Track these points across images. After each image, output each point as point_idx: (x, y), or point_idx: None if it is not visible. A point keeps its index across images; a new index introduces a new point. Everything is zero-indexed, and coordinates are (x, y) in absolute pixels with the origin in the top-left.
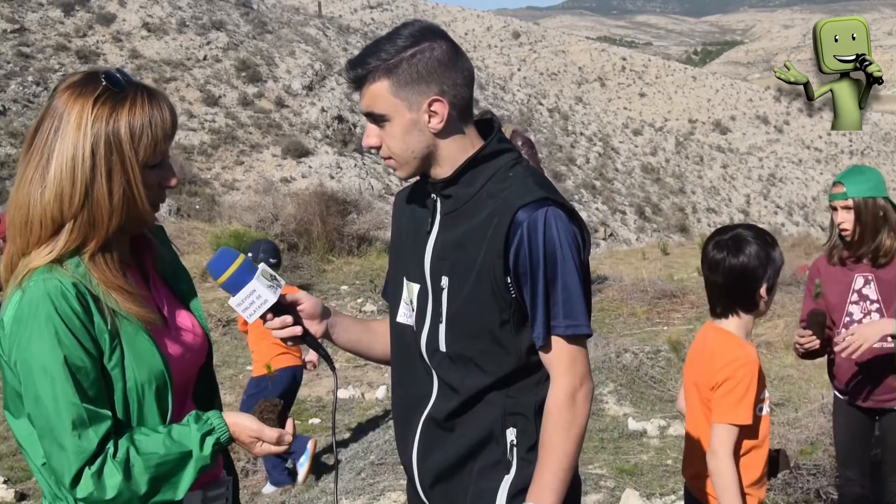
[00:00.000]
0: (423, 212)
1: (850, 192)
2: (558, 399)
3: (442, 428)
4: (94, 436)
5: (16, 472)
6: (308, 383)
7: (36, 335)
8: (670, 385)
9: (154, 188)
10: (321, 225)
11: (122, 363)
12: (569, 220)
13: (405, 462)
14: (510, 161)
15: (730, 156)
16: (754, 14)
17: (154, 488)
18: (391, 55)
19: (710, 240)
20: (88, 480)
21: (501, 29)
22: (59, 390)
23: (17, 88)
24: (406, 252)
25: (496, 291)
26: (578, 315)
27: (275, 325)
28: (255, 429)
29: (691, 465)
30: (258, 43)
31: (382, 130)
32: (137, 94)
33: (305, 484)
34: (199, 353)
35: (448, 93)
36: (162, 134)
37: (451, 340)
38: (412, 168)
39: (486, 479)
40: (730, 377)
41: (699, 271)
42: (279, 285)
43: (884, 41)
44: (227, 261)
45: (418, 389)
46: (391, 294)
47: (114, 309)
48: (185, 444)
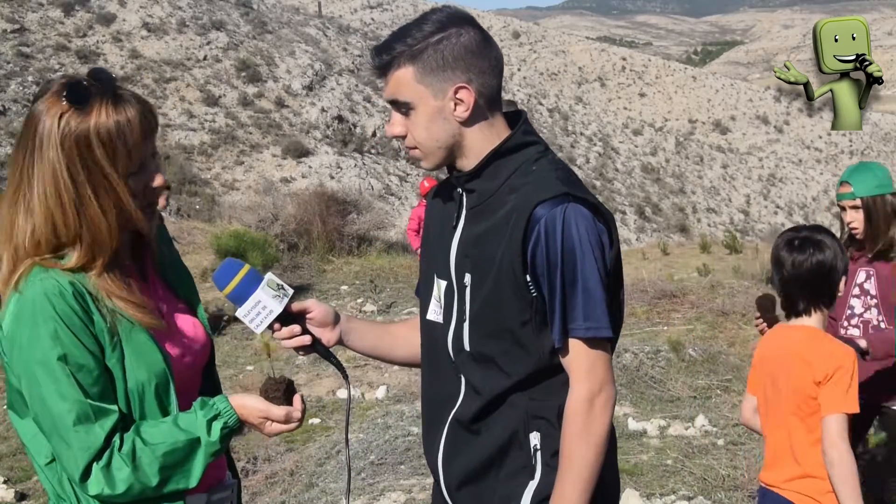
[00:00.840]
0: (451, 206)
1: (858, 191)
2: (576, 405)
3: (467, 430)
4: (101, 431)
5: (16, 472)
6: (308, 383)
7: (35, 335)
8: (670, 385)
9: (140, 193)
10: (321, 225)
11: (123, 361)
12: (592, 216)
13: (431, 463)
14: (535, 154)
15: (730, 156)
16: (754, 14)
17: (165, 478)
18: (417, 41)
19: (784, 242)
20: (98, 475)
21: (501, 29)
22: (62, 389)
23: (17, 88)
24: (435, 248)
25: (516, 290)
26: (599, 317)
27: (283, 335)
28: (262, 408)
29: (782, 470)
30: (258, 43)
31: (407, 119)
32: (102, 105)
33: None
34: (200, 353)
35: (475, 81)
36: (134, 139)
37: (474, 340)
38: (437, 159)
39: (512, 485)
40: (839, 367)
41: (699, 271)
42: (286, 294)
43: (884, 41)
44: (232, 271)
45: (446, 390)
46: (423, 291)
47: (112, 308)
48: (192, 431)
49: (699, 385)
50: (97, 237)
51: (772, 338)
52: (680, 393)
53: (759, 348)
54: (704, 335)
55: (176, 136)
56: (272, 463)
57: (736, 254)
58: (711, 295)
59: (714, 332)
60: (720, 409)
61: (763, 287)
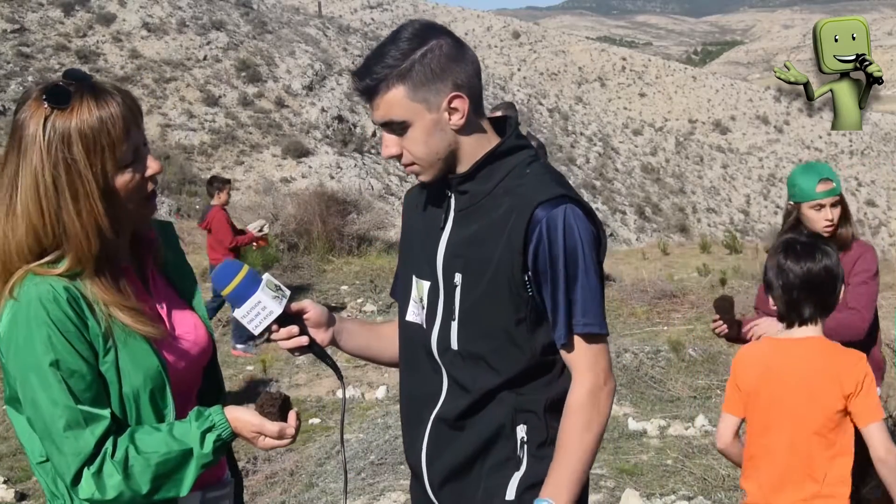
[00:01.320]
0: (436, 209)
1: (838, 187)
2: (581, 397)
3: (452, 427)
4: (91, 437)
5: (16, 472)
6: (308, 383)
7: (29, 340)
8: (670, 385)
9: (135, 185)
10: (321, 225)
11: (117, 366)
12: (587, 218)
13: (413, 462)
14: (527, 158)
15: (730, 156)
16: (754, 14)
17: (156, 486)
18: (400, 60)
19: (785, 248)
20: (89, 480)
21: (501, 29)
22: (54, 394)
23: (17, 88)
24: (417, 249)
25: (513, 289)
26: (595, 314)
27: (281, 336)
28: (256, 423)
29: (796, 491)
30: (258, 43)
31: (402, 138)
32: (83, 101)
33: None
34: (201, 354)
35: (464, 86)
36: (118, 132)
37: (464, 338)
38: (437, 170)
39: (497, 476)
40: (865, 373)
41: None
42: (284, 295)
43: (884, 41)
44: (232, 272)
45: (427, 389)
46: (401, 292)
47: (108, 313)
48: (185, 441)
49: (699, 385)
50: (75, 244)
51: (772, 354)
52: (680, 393)
53: (752, 365)
54: (704, 335)
55: (176, 136)
56: (272, 463)
57: (736, 254)
58: (711, 295)
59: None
60: (720, 409)
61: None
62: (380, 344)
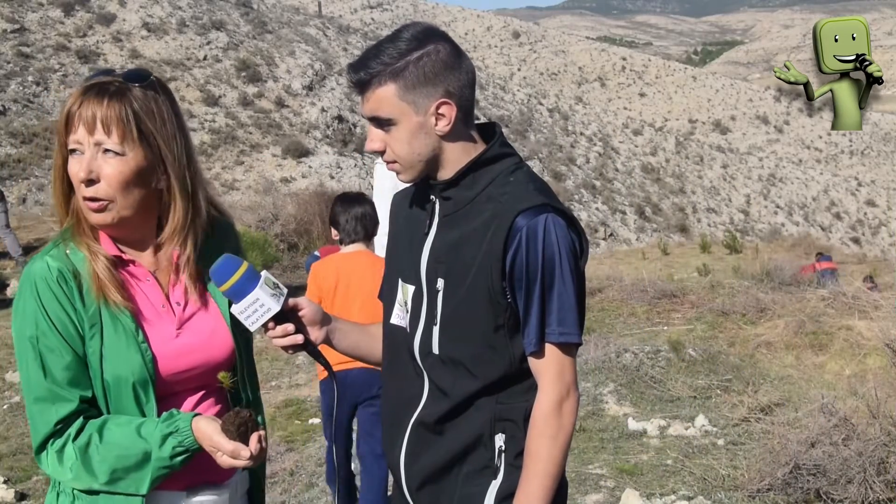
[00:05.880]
0: (421, 213)
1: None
2: (545, 408)
3: (431, 431)
4: (54, 415)
5: (16, 472)
6: (308, 383)
7: (22, 311)
8: (670, 385)
9: (77, 179)
10: (321, 225)
11: (101, 353)
12: (568, 227)
13: (392, 463)
14: (511, 165)
15: (730, 156)
16: (754, 14)
17: (113, 479)
18: (396, 59)
19: None
20: (52, 455)
21: (501, 29)
22: (29, 366)
23: (17, 88)
24: (402, 253)
25: (492, 296)
26: (571, 324)
27: (276, 333)
28: (214, 440)
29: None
30: (258, 43)
31: (387, 134)
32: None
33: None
34: (213, 355)
35: (455, 94)
36: (62, 120)
37: (445, 343)
38: (417, 172)
39: (473, 484)
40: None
41: (699, 271)
42: (282, 293)
43: (884, 41)
44: (231, 268)
45: (408, 392)
46: (386, 295)
47: (99, 295)
48: (147, 441)
49: (699, 385)
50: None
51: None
52: (680, 393)
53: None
54: (704, 335)
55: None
56: (272, 463)
57: (736, 254)
58: (711, 295)
59: (714, 332)
60: (720, 409)
61: (760, 286)
62: (369, 342)
